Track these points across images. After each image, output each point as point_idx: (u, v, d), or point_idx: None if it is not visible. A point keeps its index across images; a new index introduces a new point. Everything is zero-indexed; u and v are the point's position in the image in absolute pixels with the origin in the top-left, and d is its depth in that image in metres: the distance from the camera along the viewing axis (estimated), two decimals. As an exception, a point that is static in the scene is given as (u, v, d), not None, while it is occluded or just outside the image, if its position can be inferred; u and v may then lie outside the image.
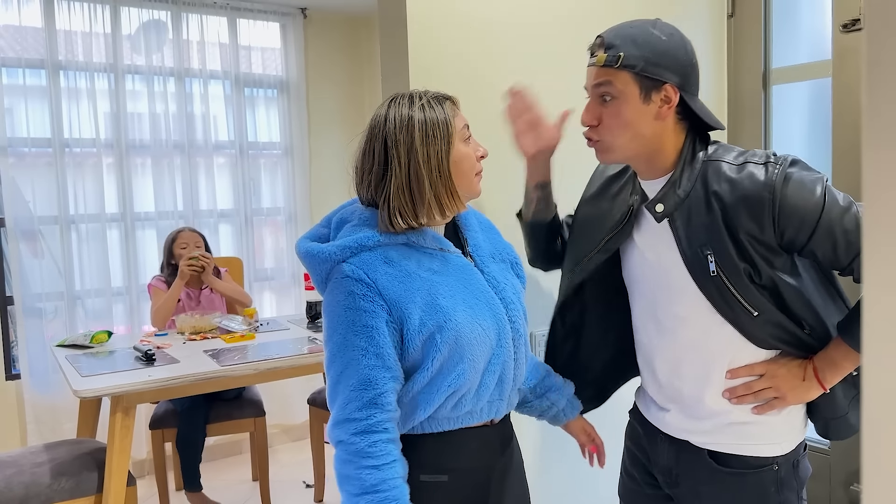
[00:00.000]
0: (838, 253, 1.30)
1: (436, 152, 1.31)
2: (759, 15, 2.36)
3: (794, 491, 1.44)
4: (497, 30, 1.95)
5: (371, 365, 1.26)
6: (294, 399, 4.36)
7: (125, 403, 2.43)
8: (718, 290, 1.34)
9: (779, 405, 1.40)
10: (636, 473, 1.62)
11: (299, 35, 4.37)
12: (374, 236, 1.30)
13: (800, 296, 1.34)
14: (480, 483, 1.39)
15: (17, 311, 3.66)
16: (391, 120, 1.32)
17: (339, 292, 1.28)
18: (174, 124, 4.03)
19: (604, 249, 1.51)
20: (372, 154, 1.32)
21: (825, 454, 2.25)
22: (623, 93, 1.34)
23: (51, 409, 3.72)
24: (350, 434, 1.25)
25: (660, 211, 1.38)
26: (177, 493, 3.70)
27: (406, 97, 1.34)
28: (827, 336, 1.39)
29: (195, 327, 3.17)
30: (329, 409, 1.31)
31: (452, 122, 1.34)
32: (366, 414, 1.25)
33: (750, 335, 1.37)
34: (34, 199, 3.69)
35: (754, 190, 1.29)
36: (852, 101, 2.12)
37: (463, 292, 1.33)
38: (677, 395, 1.47)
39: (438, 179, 1.31)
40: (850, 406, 1.47)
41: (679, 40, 1.36)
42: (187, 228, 3.55)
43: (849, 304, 1.44)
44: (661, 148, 1.38)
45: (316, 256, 1.32)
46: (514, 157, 2.00)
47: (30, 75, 3.67)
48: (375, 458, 1.24)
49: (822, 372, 1.37)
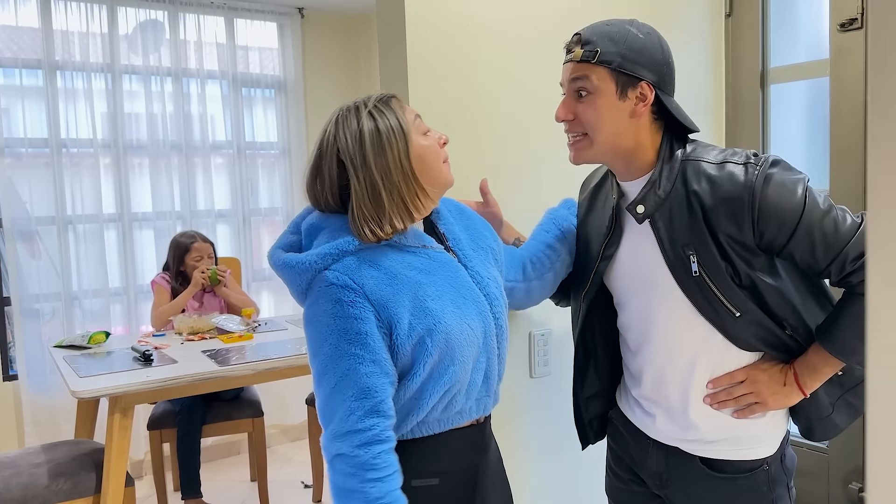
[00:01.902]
0: (816, 255, 1.29)
1: (394, 159, 1.27)
2: (756, 14, 2.36)
3: (783, 484, 1.44)
4: (495, 30, 1.95)
5: (369, 372, 1.22)
6: (292, 399, 4.36)
7: (123, 404, 2.43)
8: (701, 290, 1.33)
9: (759, 410, 1.40)
10: (621, 472, 1.61)
11: (297, 35, 4.37)
12: (353, 240, 1.27)
13: (780, 296, 1.33)
14: (468, 483, 1.39)
15: (14, 312, 3.65)
16: (341, 137, 1.28)
17: (324, 301, 1.24)
18: (171, 124, 4.02)
19: (604, 257, 1.49)
20: (327, 173, 1.30)
21: (823, 453, 2.25)
22: (599, 88, 1.33)
23: (49, 409, 3.72)
24: (354, 446, 1.21)
25: (641, 212, 1.37)
26: (175, 493, 3.69)
27: (351, 109, 1.31)
28: (809, 336, 1.39)
29: (193, 328, 3.16)
30: (323, 424, 1.26)
31: (403, 120, 1.30)
32: (369, 424, 1.21)
33: (732, 336, 1.37)
34: (31, 199, 3.68)
35: (734, 191, 1.29)
36: (850, 100, 2.12)
37: (450, 291, 1.31)
38: (664, 400, 1.46)
39: (402, 184, 1.28)
40: (835, 407, 1.46)
41: (656, 39, 1.36)
42: (198, 237, 3.49)
43: (834, 303, 1.43)
44: (637, 147, 1.37)
45: (294, 268, 1.27)
46: (513, 157, 2.00)
47: (26, 75, 3.66)
48: (379, 469, 1.21)
49: (802, 377, 1.37)
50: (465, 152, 1.88)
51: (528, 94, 2.02)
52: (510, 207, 1.90)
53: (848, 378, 1.44)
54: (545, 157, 2.05)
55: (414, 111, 1.35)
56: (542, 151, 2.04)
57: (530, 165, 2.03)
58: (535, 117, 2.03)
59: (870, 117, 0.42)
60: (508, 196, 1.96)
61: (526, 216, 1.97)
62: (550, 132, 2.05)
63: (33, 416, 3.69)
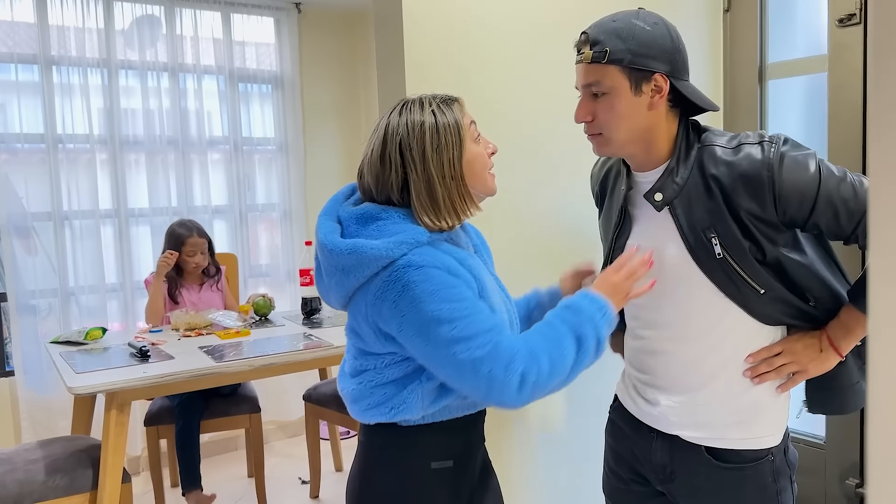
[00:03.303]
0: (840, 222, 1.32)
1: (448, 158, 1.32)
2: (754, 10, 2.36)
3: (787, 477, 1.46)
4: (492, 25, 1.95)
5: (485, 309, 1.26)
6: (289, 395, 4.35)
7: (120, 400, 2.42)
8: (725, 272, 1.35)
9: (800, 378, 1.42)
10: (621, 472, 1.60)
11: (293, 30, 4.36)
12: (423, 231, 1.30)
13: (805, 270, 1.36)
14: (472, 468, 1.44)
15: (10, 308, 3.64)
16: (403, 126, 1.32)
17: (427, 276, 1.24)
18: (168, 120, 4.01)
19: (617, 247, 1.52)
20: (390, 161, 1.32)
21: (820, 448, 2.25)
22: (614, 87, 1.34)
23: (45, 406, 3.71)
24: (524, 360, 1.22)
25: (659, 200, 1.39)
26: (172, 489, 3.69)
27: (416, 102, 1.35)
28: (831, 306, 1.41)
29: (190, 324, 3.16)
30: (479, 376, 1.22)
31: (462, 123, 1.35)
32: (514, 343, 1.24)
33: (756, 313, 1.38)
34: (27, 195, 3.66)
35: (753, 169, 1.31)
36: (848, 96, 2.12)
37: (497, 290, 1.39)
38: (675, 385, 1.46)
39: (452, 183, 1.32)
40: (861, 374, 1.48)
41: (663, 28, 1.36)
42: (195, 231, 3.41)
43: (848, 277, 1.46)
44: (656, 137, 1.39)
45: (366, 254, 1.27)
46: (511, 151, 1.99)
47: (22, 71, 3.64)
48: (552, 340, 1.25)
49: (836, 340, 1.39)
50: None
51: (526, 89, 2.01)
52: (509, 202, 1.90)
53: (864, 347, 1.46)
54: (543, 151, 2.04)
55: (470, 117, 1.39)
56: (540, 146, 2.04)
57: (528, 160, 2.02)
58: (533, 111, 2.02)
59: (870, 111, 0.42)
60: (507, 191, 1.95)
61: (525, 211, 1.97)
62: (548, 126, 2.05)
63: (30, 412, 3.68)
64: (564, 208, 2.09)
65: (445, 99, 1.37)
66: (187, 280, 3.47)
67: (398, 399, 1.32)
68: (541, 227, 2.05)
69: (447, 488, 1.39)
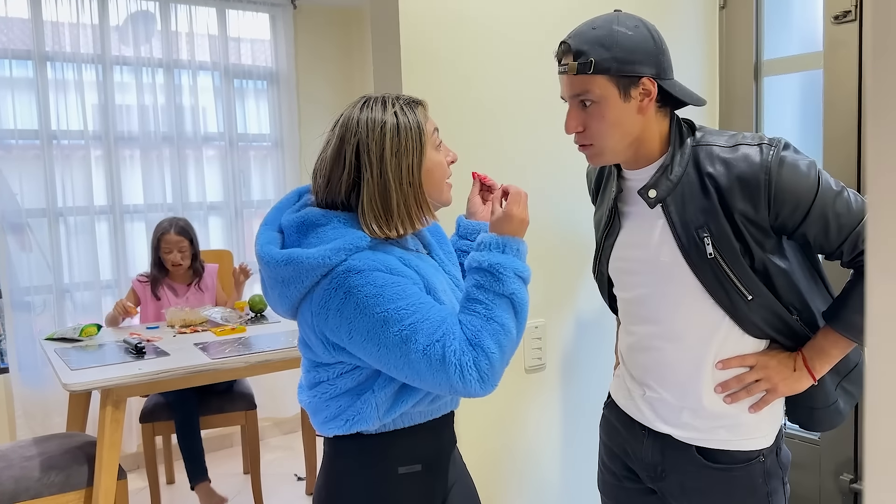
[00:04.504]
0: (829, 236, 1.31)
1: (408, 164, 1.26)
2: (750, 6, 2.36)
3: (779, 478, 1.45)
4: (488, 24, 1.94)
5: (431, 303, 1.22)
6: (285, 392, 4.35)
7: (115, 397, 2.42)
8: (714, 272, 1.34)
9: (771, 398, 1.41)
10: (615, 468, 1.61)
11: (289, 26, 4.34)
12: (363, 236, 1.24)
13: (787, 279, 1.35)
14: (444, 470, 1.41)
15: (5, 305, 3.63)
16: (363, 124, 1.27)
17: (367, 279, 1.20)
18: (163, 116, 3.99)
19: (606, 246, 1.52)
20: (344, 160, 1.27)
21: (815, 444, 2.26)
22: (602, 96, 1.33)
23: (40, 402, 3.70)
24: (463, 347, 1.18)
25: (653, 196, 1.38)
26: (167, 486, 3.69)
27: (378, 101, 1.30)
28: (814, 321, 1.40)
29: (185, 320, 3.15)
30: (431, 373, 1.19)
31: (425, 128, 1.30)
32: (455, 331, 1.20)
33: (742, 321, 1.37)
34: (22, 191, 3.65)
35: (750, 171, 1.30)
36: (843, 92, 2.13)
37: (445, 291, 1.34)
38: (668, 386, 1.46)
39: (409, 190, 1.27)
40: (838, 394, 1.47)
41: (644, 30, 1.34)
42: (173, 229, 3.37)
43: (832, 290, 1.45)
44: (647, 138, 1.38)
45: (303, 263, 1.22)
46: (505, 151, 1.99)
47: (16, 66, 3.63)
48: (491, 314, 1.21)
49: (811, 361, 1.38)
50: (458, 146, 1.88)
51: (522, 88, 2.01)
52: (504, 200, 1.90)
53: (843, 364, 1.45)
54: (538, 151, 2.05)
55: (434, 123, 1.34)
56: (535, 146, 2.04)
57: (523, 160, 2.02)
58: (528, 111, 2.02)
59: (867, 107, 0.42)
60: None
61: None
62: (543, 127, 2.05)
63: (24, 409, 3.67)
64: (560, 207, 2.09)
65: (409, 101, 1.31)
66: (175, 280, 3.46)
67: (353, 410, 1.28)
68: (539, 226, 2.05)
69: (417, 493, 1.35)
